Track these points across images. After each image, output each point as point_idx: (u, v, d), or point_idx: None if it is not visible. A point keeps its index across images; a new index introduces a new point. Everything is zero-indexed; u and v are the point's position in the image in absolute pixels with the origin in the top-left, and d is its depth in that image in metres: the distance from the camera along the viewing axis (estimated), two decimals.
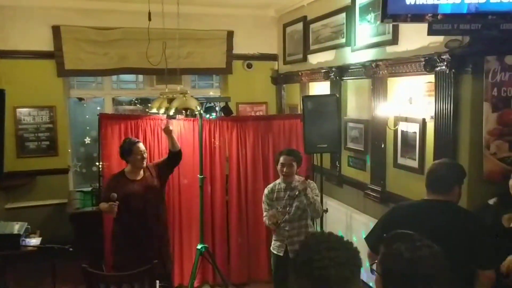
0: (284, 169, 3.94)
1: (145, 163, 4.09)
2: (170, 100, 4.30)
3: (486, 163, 3.30)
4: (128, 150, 4.02)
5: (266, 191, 4.08)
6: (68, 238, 5.35)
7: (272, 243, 4.08)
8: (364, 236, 2.86)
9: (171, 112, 4.18)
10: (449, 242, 2.30)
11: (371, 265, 1.61)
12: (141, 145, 4.09)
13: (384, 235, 1.56)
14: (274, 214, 3.85)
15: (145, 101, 6.85)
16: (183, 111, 4.18)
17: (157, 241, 4.07)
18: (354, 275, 1.35)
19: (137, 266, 3.09)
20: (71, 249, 3.40)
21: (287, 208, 3.92)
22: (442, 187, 2.55)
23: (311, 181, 4.12)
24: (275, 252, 4.02)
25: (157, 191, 4.12)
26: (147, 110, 5.72)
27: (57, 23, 5.63)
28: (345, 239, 1.44)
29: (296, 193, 3.89)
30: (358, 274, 1.38)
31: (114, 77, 6.36)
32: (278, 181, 4.08)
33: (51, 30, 5.63)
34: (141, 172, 4.10)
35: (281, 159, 3.96)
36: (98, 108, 6.34)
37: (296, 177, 4.04)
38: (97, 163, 4.92)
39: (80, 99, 6.40)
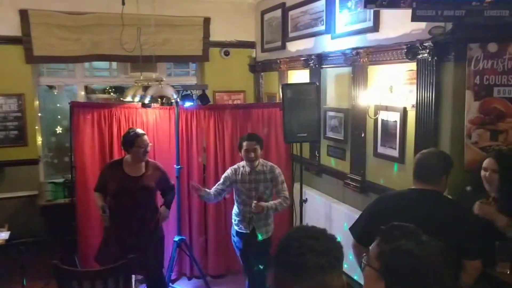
0: (250, 155, 3.91)
1: (146, 157, 3.84)
2: (145, 88, 4.18)
3: (467, 152, 3.27)
4: (130, 141, 3.74)
5: (229, 171, 4.05)
6: (39, 231, 5.19)
7: (236, 221, 4.06)
8: (347, 227, 2.80)
9: (146, 100, 4.04)
10: (436, 232, 2.25)
11: (361, 260, 1.54)
12: (146, 138, 3.82)
13: (382, 227, 1.48)
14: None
15: (120, 90, 6.67)
16: (159, 99, 4.05)
17: (142, 242, 3.79)
18: (332, 266, 1.30)
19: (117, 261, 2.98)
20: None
21: (252, 192, 3.93)
22: (431, 176, 2.51)
23: (276, 168, 4.07)
24: (238, 230, 4.02)
25: (150, 192, 3.87)
26: (121, 98, 5.55)
27: (25, 7, 5.37)
28: (328, 232, 1.40)
29: (262, 177, 3.96)
30: (337, 266, 1.33)
31: (87, 64, 6.14)
32: (242, 163, 4.05)
33: (19, 14, 5.36)
34: (142, 167, 3.83)
35: (244, 145, 3.94)
36: (66, 96, 6.11)
37: (261, 160, 4.04)
38: (69, 154, 4.74)
39: (51, 86, 6.18)
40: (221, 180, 4.09)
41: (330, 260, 1.30)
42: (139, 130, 3.88)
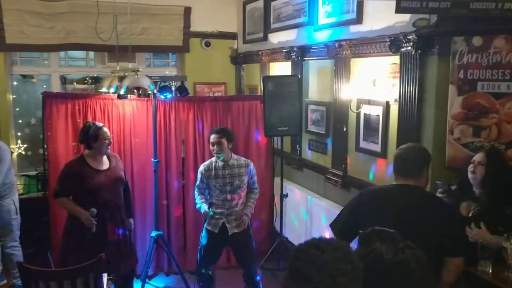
0: (213, 147, 3.84)
1: (110, 148, 3.77)
2: (121, 79, 4.02)
3: (449, 148, 3.20)
4: (94, 135, 3.60)
5: (201, 168, 3.96)
6: None
7: (208, 219, 3.96)
8: (326, 221, 2.73)
9: (122, 91, 3.89)
10: (418, 227, 2.20)
11: None
12: (107, 129, 3.75)
13: (360, 231, 1.39)
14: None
15: (99, 80, 6.47)
16: (135, 90, 3.91)
17: (124, 231, 3.79)
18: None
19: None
20: None
21: (227, 187, 3.86)
22: (411, 171, 2.45)
23: (250, 161, 4.04)
24: (209, 228, 3.95)
25: (122, 182, 3.83)
26: (97, 89, 5.38)
27: None
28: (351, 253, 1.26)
29: (237, 171, 3.88)
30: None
31: (62, 54, 5.94)
32: (214, 159, 3.95)
33: None
34: (105, 160, 3.73)
35: (210, 138, 3.87)
36: (44, 86, 5.90)
37: (234, 156, 3.97)
38: (43, 146, 4.56)
39: (25, 76, 5.96)
40: (198, 177, 3.98)
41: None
42: (98, 123, 3.78)
